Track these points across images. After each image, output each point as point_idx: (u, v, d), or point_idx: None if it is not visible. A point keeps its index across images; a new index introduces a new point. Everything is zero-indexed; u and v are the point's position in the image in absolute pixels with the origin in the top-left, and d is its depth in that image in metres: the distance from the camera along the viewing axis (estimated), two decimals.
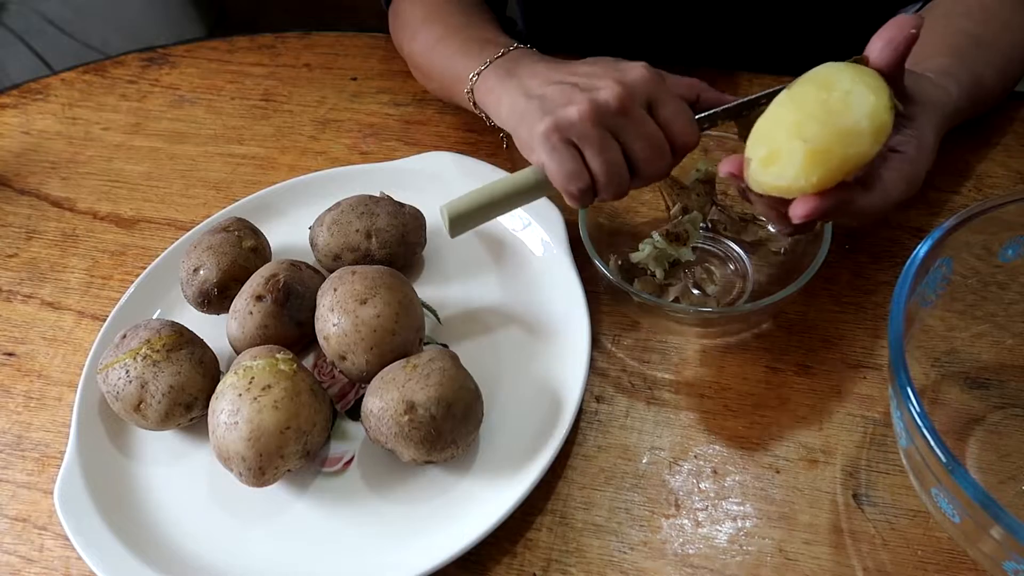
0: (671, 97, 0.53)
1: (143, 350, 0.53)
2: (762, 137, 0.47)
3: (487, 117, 0.65)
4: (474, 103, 0.64)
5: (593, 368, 0.57)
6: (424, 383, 0.49)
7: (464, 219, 0.55)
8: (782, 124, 0.45)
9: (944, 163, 0.66)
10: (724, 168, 0.49)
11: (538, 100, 0.53)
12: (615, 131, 0.51)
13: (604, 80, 0.52)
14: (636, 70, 0.53)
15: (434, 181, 0.68)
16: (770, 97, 0.50)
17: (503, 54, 0.62)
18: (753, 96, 0.54)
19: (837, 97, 0.44)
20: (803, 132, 0.44)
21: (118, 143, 0.80)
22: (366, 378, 0.53)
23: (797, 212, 0.45)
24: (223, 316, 0.59)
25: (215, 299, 0.59)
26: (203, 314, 0.60)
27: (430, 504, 0.51)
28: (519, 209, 0.65)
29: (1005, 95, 0.66)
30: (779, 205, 0.47)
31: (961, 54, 0.60)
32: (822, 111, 0.44)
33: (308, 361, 0.59)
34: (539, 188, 0.55)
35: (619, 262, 0.60)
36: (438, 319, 0.60)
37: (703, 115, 0.54)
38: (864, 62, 0.47)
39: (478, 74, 0.63)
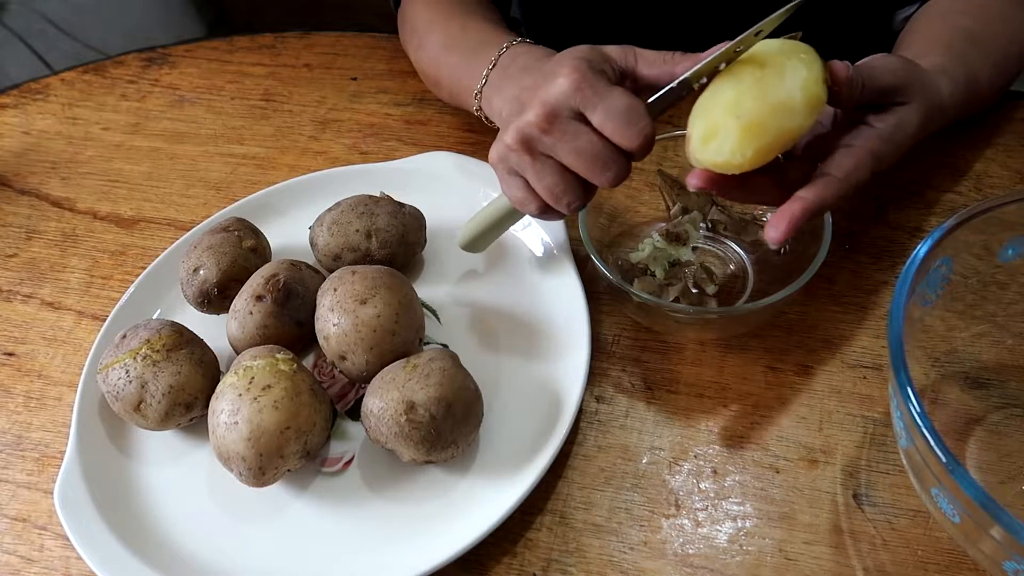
0: (600, 99, 0.48)
1: (143, 350, 0.53)
2: (701, 113, 0.47)
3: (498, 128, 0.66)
4: (485, 118, 0.65)
5: (593, 368, 0.57)
6: (424, 383, 0.49)
7: (475, 243, 0.61)
8: (719, 101, 0.46)
9: (944, 163, 0.66)
10: (692, 183, 0.49)
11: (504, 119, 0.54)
12: (548, 151, 0.50)
13: (532, 99, 0.50)
14: (559, 82, 0.49)
15: (434, 181, 0.68)
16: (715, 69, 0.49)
17: (495, 63, 0.62)
18: (696, 68, 0.49)
19: (771, 72, 0.45)
20: (739, 108, 0.45)
21: (118, 143, 0.80)
22: (366, 378, 0.53)
23: (773, 236, 0.47)
24: (223, 316, 0.59)
25: (215, 299, 0.59)
26: (203, 314, 0.60)
27: (430, 504, 0.51)
28: None
29: (1002, 92, 0.66)
30: (721, 180, 0.48)
31: (956, 51, 0.59)
32: (757, 87, 0.45)
33: (308, 361, 0.59)
34: None
35: (619, 262, 0.60)
36: (438, 319, 0.60)
37: (654, 98, 0.50)
38: (798, 38, 0.48)
39: (479, 92, 0.63)
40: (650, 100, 0.50)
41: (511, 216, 0.58)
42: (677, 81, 0.49)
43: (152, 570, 0.49)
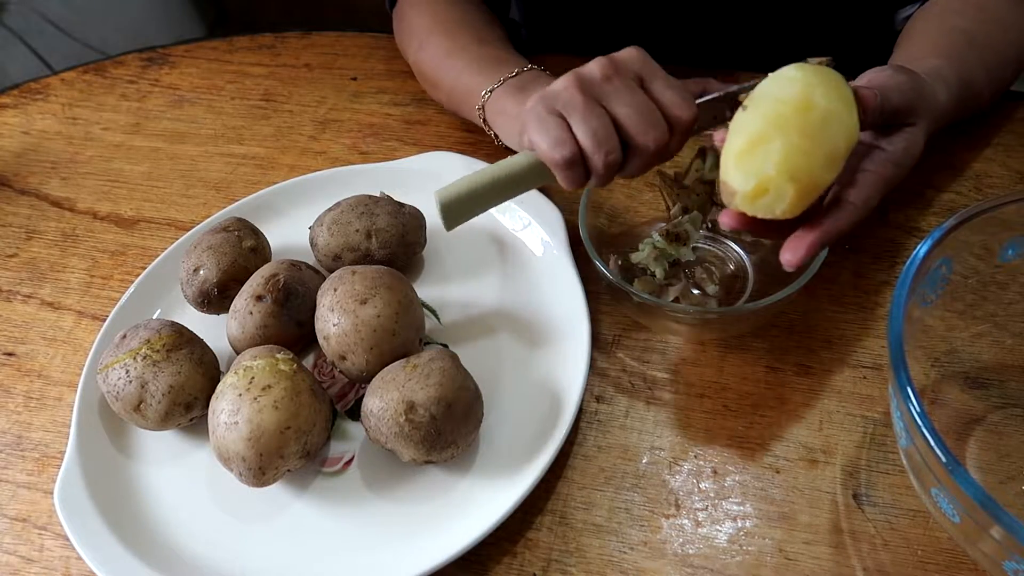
0: (663, 74, 0.51)
1: (143, 350, 0.53)
2: (746, 164, 0.45)
3: (496, 136, 0.65)
4: (484, 120, 0.65)
5: (593, 368, 0.57)
6: (424, 383, 0.49)
7: (457, 207, 0.52)
8: (767, 154, 0.44)
9: (944, 163, 0.66)
10: (726, 223, 0.49)
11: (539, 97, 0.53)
12: (601, 98, 0.50)
13: (594, 59, 0.51)
14: (626, 50, 0.52)
15: (434, 181, 0.67)
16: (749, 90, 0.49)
17: (516, 74, 0.62)
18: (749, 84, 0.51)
19: (817, 118, 0.44)
20: (792, 168, 0.44)
21: (118, 143, 0.80)
22: (366, 378, 0.53)
23: (791, 262, 0.47)
24: (223, 316, 0.59)
25: (215, 299, 0.59)
26: (203, 314, 0.60)
27: (430, 504, 0.51)
28: (519, 209, 0.65)
29: (998, 96, 0.66)
30: (757, 224, 0.48)
31: (953, 55, 0.59)
32: (805, 139, 0.44)
33: (308, 361, 0.59)
34: (532, 173, 0.52)
35: (619, 262, 0.60)
36: (438, 319, 0.60)
37: (703, 100, 0.52)
38: (827, 63, 0.47)
39: (490, 92, 0.63)
40: (698, 101, 0.52)
41: (515, 181, 0.52)
42: (725, 92, 0.52)
43: (152, 570, 0.49)
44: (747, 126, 0.45)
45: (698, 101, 0.52)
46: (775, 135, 0.44)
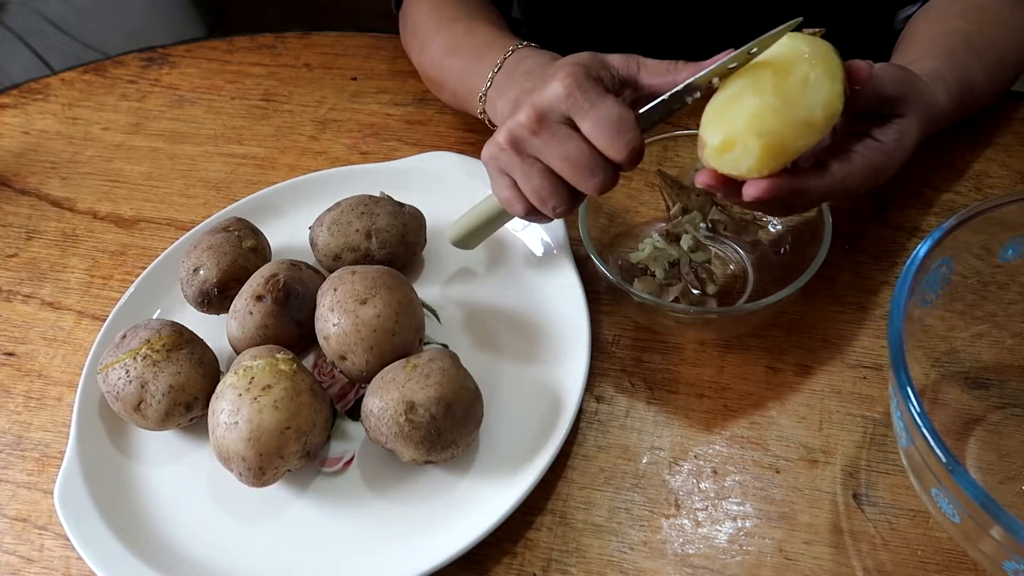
0: (592, 106, 0.48)
1: (143, 350, 0.53)
2: (718, 119, 0.46)
3: None
4: (489, 121, 0.65)
5: (593, 368, 0.57)
6: (424, 383, 0.49)
7: (465, 241, 0.60)
8: (740, 111, 0.45)
9: (944, 163, 0.66)
10: (699, 180, 0.48)
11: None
12: (536, 154, 0.50)
13: (526, 100, 0.50)
14: (553, 85, 0.49)
15: (434, 181, 0.68)
16: (717, 77, 0.47)
17: (500, 66, 0.62)
18: (689, 81, 0.48)
19: (795, 82, 0.44)
20: (760, 124, 0.44)
21: (118, 143, 0.80)
22: (366, 378, 0.53)
23: (749, 192, 0.46)
24: (223, 316, 0.59)
25: (215, 299, 0.59)
26: (203, 314, 0.60)
27: (430, 504, 0.51)
28: None
29: (998, 96, 0.66)
30: (729, 183, 0.48)
31: (953, 57, 0.59)
32: (780, 99, 0.44)
33: (308, 361, 0.59)
34: None
35: (619, 262, 0.60)
36: (438, 319, 0.60)
37: (645, 110, 0.49)
38: (820, 35, 0.47)
39: (484, 95, 0.63)
40: (641, 111, 0.49)
41: (501, 216, 0.58)
42: (670, 94, 0.49)
43: (152, 570, 0.49)
44: (728, 85, 0.46)
45: (642, 111, 0.49)
46: (749, 93, 0.45)
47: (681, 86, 0.49)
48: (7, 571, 0.52)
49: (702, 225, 0.62)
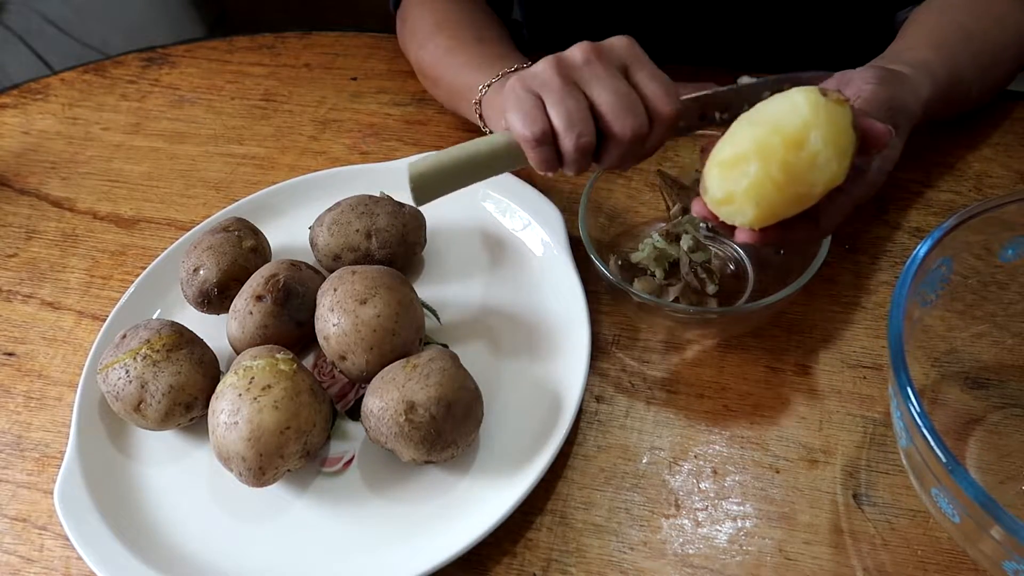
0: (651, 65, 0.50)
1: (143, 350, 0.53)
2: (722, 175, 0.46)
3: (490, 132, 0.65)
4: (480, 115, 0.65)
5: (593, 368, 0.57)
6: (424, 383, 0.49)
7: (429, 182, 0.51)
8: (742, 173, 0.45)
9: (944, 163, 0.67)
10: (695, 211, 0.49)
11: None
12: (580, 82, 0.49)
13: (577, 45, 0.50)
14: (616, 38, 0.50)
15: None
16: (768, 89, 0.49)
17: (516, 70, 0.62)
18: (746, 84, 0.51)
19: (804, 159, 0.44)
20: (759, 195, 0.45)
21: (118, 143, 0.80)
22: (366, 378, 0.53)
23: (740, 238, 0.48)
24: (223, 316, 0.59)
25: (215, 299, 0.59)
26: (203, 314, 0.60)
27: (430, 504, 0.51)
28: (519, 209, 0.65)
29: (990, 96, 0.66)
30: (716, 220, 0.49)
31: (946, 50, 0.59)
32: (783, 175, 0.44)
33: (308, 361, 0.59)
34: (507, 153, 0.51)
35: (619, 262, 0.60)
36: (438, 319, 0.60)
37: (690, 96, 0.51)
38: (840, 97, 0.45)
39: (487, 86, 0.63)
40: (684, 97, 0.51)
41: (488, 159, 0.51)
42: (715, 91, 0.51)
43: (152, 570, 0.49)
44: (739, 139, 0.46)
45: (684, 97, 0.51)
46: (756, 160, 0.45)
47: (725, 88, 0.51)
48: (7, 571, 0.52)
49: (702, 225, 0.62)
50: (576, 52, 0.50)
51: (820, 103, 0.44)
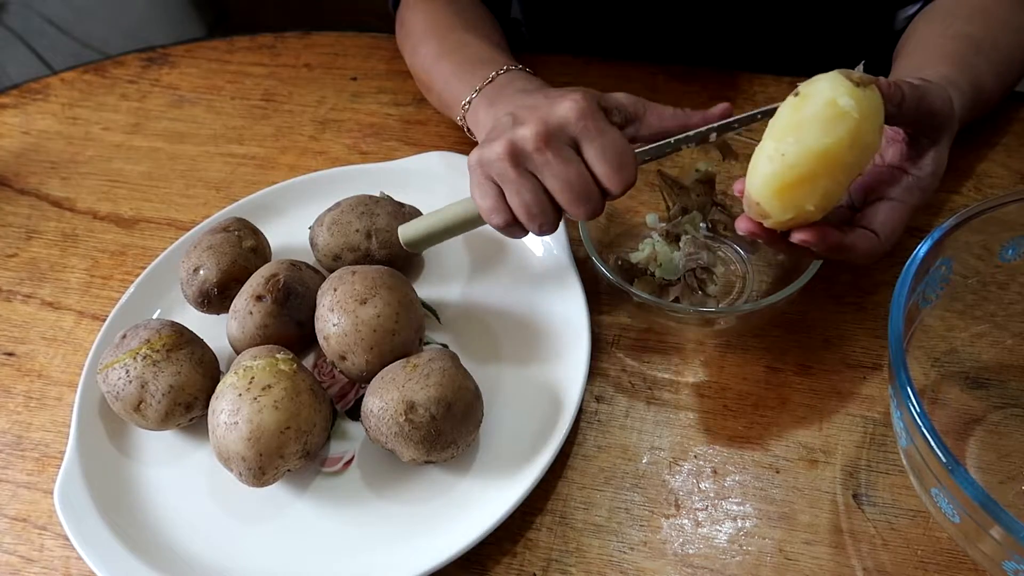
0: (601, 135, 0.50)
1: (143, 350, 0.53)
2: (783, 194, 0.45)
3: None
4: (467, 130, 0.65)
5: (593, 368, 0.57)
6: (424, 383, 0.49)
7: (419, 242, 0.58)
8: (812, 187, 0.45)
9: None
10: (744, 229, 0.49)
11: (489, 130, 0.54)
12: (534, 170, 0.51)
13: (532, 116, 0.51)
14: (565, 106, 0.50)
15: (434, 181, 0.68)
16: (719, 131, 0.52)
17: (492, 79, 0.62)
18: (697, 131, 0.53)
19: (857, 154, 0.44)
20: (828, 201, 0.46)
21: (118, 143, 0.80)
22: (366, 378, 0.53)
23: (799, 238, 0.47)
24: (223, 316, 0.59)
25: (215, 299, 0.59)
26: (203, 314, 0.60)
27: (430, 504, 0.51)
28: None
29: (1004, 97, 0.66)
30: (768, 234, 0.48)
31: (961, 61, 0.59)
32: (843, 174, 0.45)
33: (308, 361, 0.59)
34: (481, 219, 0.55)
35: (619, 262, 0.60)
36: (438, 319, 0.60)
37: (644, 148, 0.53)
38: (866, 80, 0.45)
39: (468, 103, 0.63)
40: (640, 149, 0.52)
41: (467, 224, 0.57)
42: (675, 139, 0.53)
43: (152, 570, 0.49)
44: (795, 159, 0.44)
45: (639, 150, 0.52)
46: (823, 175, 0.44)
47: (685, 135, 0.53)
48: (7, 571, 0.52)
49: (702, 225, 0.62)
50: (527, 138, 0.50)
51: (858, 93, 0.44)
